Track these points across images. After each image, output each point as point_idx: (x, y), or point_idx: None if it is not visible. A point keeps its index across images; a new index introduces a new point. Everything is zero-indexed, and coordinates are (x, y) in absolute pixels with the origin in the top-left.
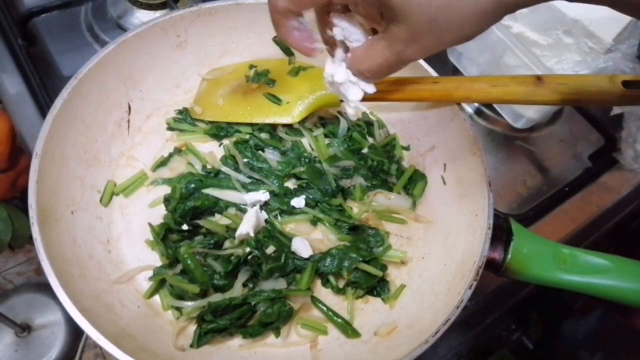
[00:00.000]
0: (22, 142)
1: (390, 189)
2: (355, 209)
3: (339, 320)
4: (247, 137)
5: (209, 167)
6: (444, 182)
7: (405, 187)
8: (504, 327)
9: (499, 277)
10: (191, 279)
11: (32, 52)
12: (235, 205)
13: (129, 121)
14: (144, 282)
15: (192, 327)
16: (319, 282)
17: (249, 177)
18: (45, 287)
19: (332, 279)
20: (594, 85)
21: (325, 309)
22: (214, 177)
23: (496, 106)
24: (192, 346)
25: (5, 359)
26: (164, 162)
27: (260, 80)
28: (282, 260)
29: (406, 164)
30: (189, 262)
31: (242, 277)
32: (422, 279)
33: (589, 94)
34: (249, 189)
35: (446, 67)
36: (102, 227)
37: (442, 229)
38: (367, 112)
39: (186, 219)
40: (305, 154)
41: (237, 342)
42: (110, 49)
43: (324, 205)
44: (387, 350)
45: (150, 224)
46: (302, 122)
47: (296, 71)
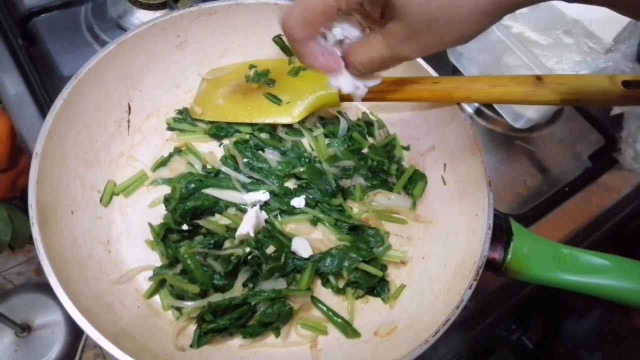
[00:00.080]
0: (22, 142)
1: (390, 189)
2: (355, 209)
3: (339, 320)
4: (247, 137)
5: (209, 167)
6: (444, 182)
7: (405, 187)
8: (504, 327)
9: (499, 277)
10: (191, 279)
11: (32, 52)
12: (235, 205)
13: (129, 121)
14: (144, 282)
15: (192, 327)
16: (319, 282)
17: (249, 177)
18: (45, 287)
19: (332, 279)
20: (594, 85)
21: (325, 309)
22: (214, 177)
23: (496, 106)
24: (192, 346)
25: (5, 359)
26: (164, 162)
27: (260, 80)
28: (282, 260)
29: (406, 164)
30: (189, 262)
31: (242, 277)
32: (422, 279)
33: (589, 94)
34: (249, 189)
35: (446, 67)
36: (102, 227)
37: (442, 229)
38: (367, 112)
39: (186, 219)
40: (305, 154)
41: (237, 342)
42: (110, 49)
43: (324, 205)
44: (387, 350)
45: (150, 224)
46: (302, 122)
47: (296, 71)
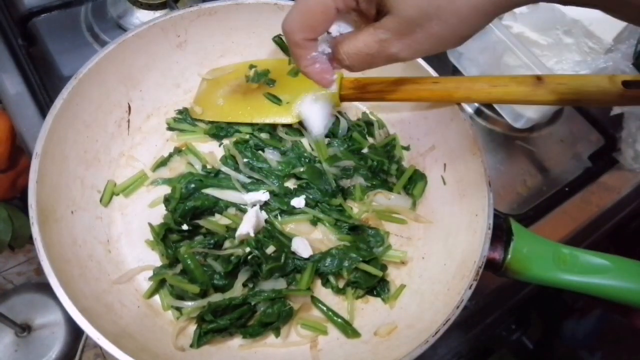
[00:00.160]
0: (22, 142)
1: (390, 189)
2: (355, 209)
3: (339, 320)
4: (247, 137)
5: (209, 167)
6: (444, 182)
7: (405, 187)
8: (504, 327)
9: (499, 277)
10: (191, 279)
11: (32, 52)
12: (235, 205)
13: (129, 121)
14: (144, 282)
15: (192, 327)
16: (319, 282)
17: (249, 177)
18: (45, 287)
19: (332, 279)
20: (593, 85)
21: (325, 309)
22: (214, 177)
23: (496, 106)
24: (192, 346)
25: (5, 359)
26: (164, 162)
27: (260, 80)
28: (282, 260)
29: (406, 164)
30: (189, 262)
31: (242, 277)
32: (422, 279)
33: (588, 94)
34: (249, 189)
35: (446, 67)
36: (102, 227)
37: (442, 229)
38: (367, 112)
39: (186, 219)
40: (305, 154)
41: (237, 342)
42: (110, 49)
43: (324, 205)
44: (387, 350)
45: (150, 224)
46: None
47: (296, 71)
